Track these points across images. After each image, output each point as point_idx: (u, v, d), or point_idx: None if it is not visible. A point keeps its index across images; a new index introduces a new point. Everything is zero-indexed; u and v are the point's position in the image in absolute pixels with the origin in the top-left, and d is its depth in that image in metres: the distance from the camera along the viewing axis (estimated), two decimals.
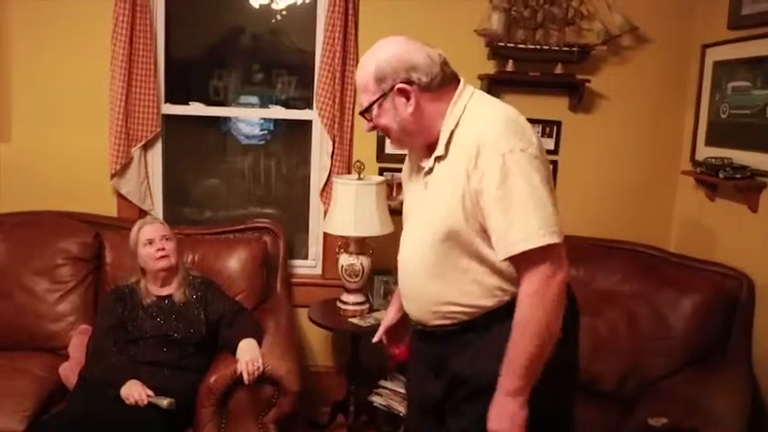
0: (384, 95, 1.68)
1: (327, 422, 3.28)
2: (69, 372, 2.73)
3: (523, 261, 1.55)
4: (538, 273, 1.54)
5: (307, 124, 3.55)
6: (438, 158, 1.69)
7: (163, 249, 2.75)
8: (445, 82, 1.70)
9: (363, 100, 1.73)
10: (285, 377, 2.51)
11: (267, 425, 2.55)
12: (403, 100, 1.67)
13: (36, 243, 3.05)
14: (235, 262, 3.12)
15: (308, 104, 3.54)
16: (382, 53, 1.69)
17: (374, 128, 1.76)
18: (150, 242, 2.76)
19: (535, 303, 1.54)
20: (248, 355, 2.50)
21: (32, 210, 3.22)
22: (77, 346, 2.81)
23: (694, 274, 2.86)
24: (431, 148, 1.73)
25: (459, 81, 1.74)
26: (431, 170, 1.72)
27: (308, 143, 3.56)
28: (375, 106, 1.70)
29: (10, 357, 2.81)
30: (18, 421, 2.45)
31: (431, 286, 1.73)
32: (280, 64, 3.67)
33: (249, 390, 2.50)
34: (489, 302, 1.67)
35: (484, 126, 1.60)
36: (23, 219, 3.15)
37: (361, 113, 1.75)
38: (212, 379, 2.52)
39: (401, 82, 1.66)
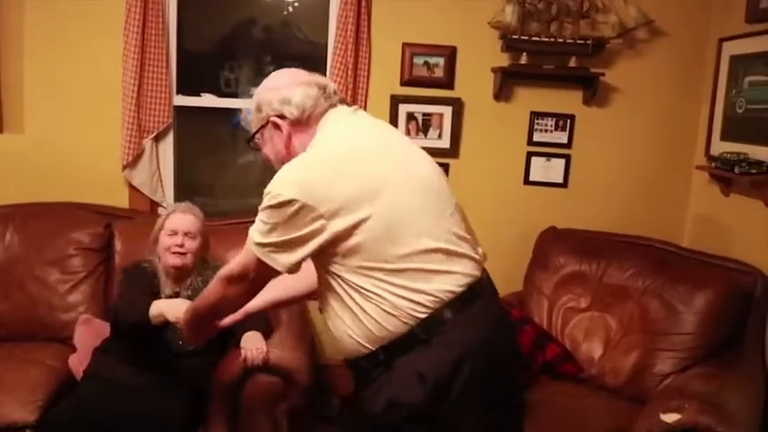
0: (263, 126, 1.77)
1: (337, 415, 3.28)
2: (78, 363, 2.73)
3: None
4: None
5: None
6: None
7: (181, 246, 2.62)
8: (315, 117, 1.73)
9: (251, 128, 1.84)
10: (296, 370, 2.51)
11: (278, 417, 2.55)
12: (278, 132, 1.73)
13: (48, 234, 3.06)
14: None
15: None
16: (263, 85, 1.80)
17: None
18: (174, 233, 2.63)
19: None
20: (251, 343, 2.51)
21: (44, 201, 3.22)
22: (83, 337, 2.82)
23: (708, 270, 2.84)
24: None
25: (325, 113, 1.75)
26: None
27: None
28: (258, 135, 1.80)
29: (23, 348, 2.82)
30: (30, 411, 2.44)
31: None
32: (291, 56, 3.66)
33: (260, 382, 2.50)
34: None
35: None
36: (35, 210, 3.16)
37: (247, 141, 1.84)
38: (221, 370, 2.53)
39: (274, 115, 1.73)
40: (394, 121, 3.36)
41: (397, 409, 1.60)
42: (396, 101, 3.35)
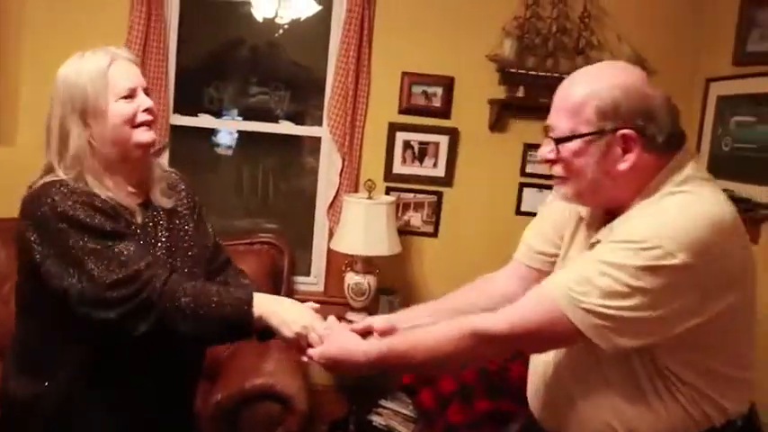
0: (600, 134, 1.27)
1: None
2: None
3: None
4: None
5: (301, 139, 3.65)
6: None
7: (149, 112, 1.59)
8: (670, 146, 1.30)
9: (562, 123, 1.31)
10: (295, 395, 2.49)
11: None
12: (619, 150, 1.28)
13: None
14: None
15: (303, 120, 3.60)
16: (619, 79, 1.29)
17: (553, 162, 1.35)
18: (131, 95, 1.56)
19: None
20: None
21: None
22: None
23: None
24: (609, 213, 1.37)
25: (681, 147, 1.32)
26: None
27: (301, 157, 3.65)
28: (580, 141, 1.29)
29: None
30: None
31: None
32: (279, 78, 3.67)
33: (258, 408, 2.48)
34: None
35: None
36: None
37: (557, 140, 1.32)
38: (219, 396, 2.49)
39: (631, 128, 1.26)
40: (391, 148, 3.40)
41: None
42: (393, 128, 3.38)
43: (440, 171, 3.44)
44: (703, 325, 1.22)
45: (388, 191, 3.42)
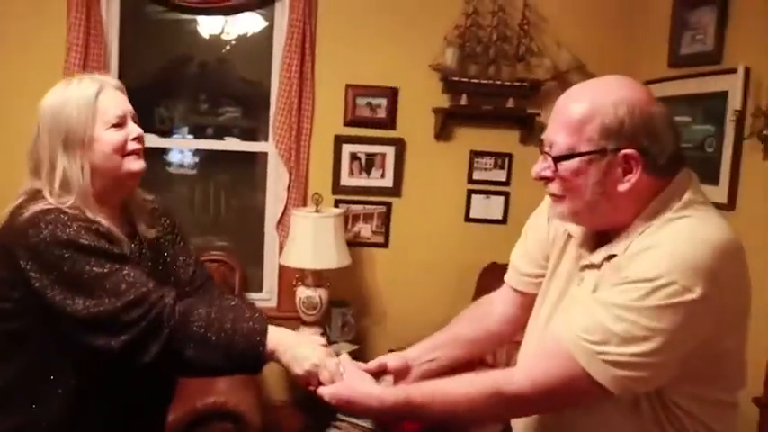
0: (602, 153, 1.21)
1: None
2: None
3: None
4: None
5: (253, 155, 3.64)
6: (611, 257, 1.26)
7: (138, 141, 1.58)
8: (671, 167, 1.24)
9: (561, 140, 1.24)
10: (248, 412, 2.49)
11: None
12: (620, 171, 1.21)
13: None
14: None
15: (254, 136, 3.61)
16: (623, 95, 1.21)
17: (549, 180, 1.29)
18: (121, 123, 1.55)
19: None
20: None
21: None
22: None
23: None
24: (602, 235, 1.32)
25: (681, 170, 1.26)
26: (596, 266, 1.30)
27: (253, 174, 3.63)
28: (579, 160, 1.22)
29: None
30: None
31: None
32: (228, 94, 3.67)
33: (209, 427, 2.45)
34: None
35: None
36: None
37: (555, 159, 1.25)
38: (171, 417, 2.45)
39: (634, 148, 1.20)
40: (337, 161, 3.41)
41: None
42: (339, 141, 3.40)
43: (387, 182, 3.46)
44: (715, 355, 1.19)
45: (336, 203, 3.42)
